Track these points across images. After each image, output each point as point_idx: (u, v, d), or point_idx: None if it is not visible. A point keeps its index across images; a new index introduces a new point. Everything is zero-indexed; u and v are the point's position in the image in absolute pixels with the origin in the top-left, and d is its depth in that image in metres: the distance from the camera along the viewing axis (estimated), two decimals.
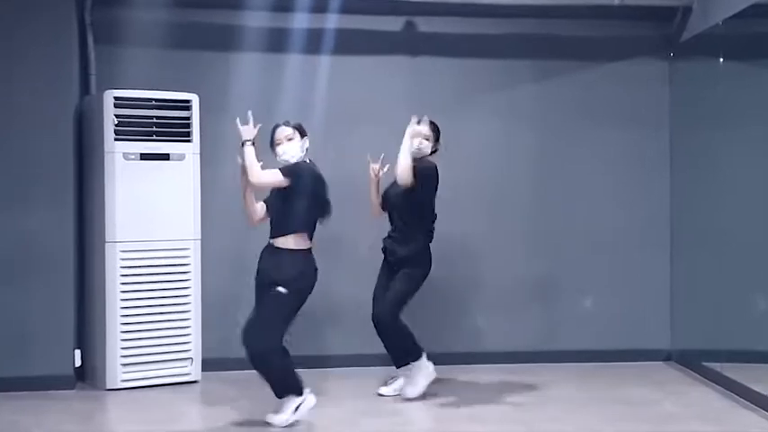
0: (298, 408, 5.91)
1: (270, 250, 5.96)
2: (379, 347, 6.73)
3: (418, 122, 6.58)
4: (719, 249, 7.13)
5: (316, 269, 5.96)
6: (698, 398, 6.80)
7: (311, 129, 6.21)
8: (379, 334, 6.60)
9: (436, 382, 6.77)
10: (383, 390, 6.74)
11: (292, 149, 5.99)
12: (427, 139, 6.62)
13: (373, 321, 6.58)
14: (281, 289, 5.80)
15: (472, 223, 7.81)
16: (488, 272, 7.85)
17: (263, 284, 5.90)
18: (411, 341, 6.62)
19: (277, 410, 5.93)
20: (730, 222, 6.99)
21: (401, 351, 6.65)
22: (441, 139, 6.72)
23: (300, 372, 6.00)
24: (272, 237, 5.95)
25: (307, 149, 6.07)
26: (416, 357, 6.63)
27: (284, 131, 6.02)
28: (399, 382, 6.70)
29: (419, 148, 6.58)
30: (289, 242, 5.90)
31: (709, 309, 7.29)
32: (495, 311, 7.83)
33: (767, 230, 6.57)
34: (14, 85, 6.84)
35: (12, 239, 6.81)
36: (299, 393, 5.91)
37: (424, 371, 6.64)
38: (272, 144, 6.03)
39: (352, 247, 7.54)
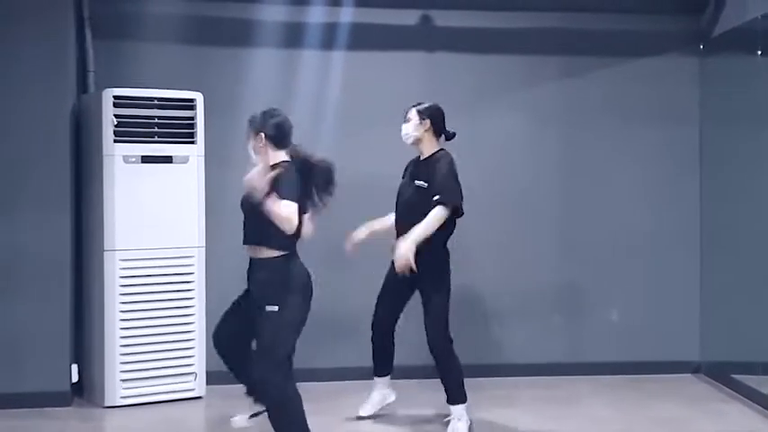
0: None
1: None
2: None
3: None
4: (752, 255, 7.04)
5: None
6: (735, 417, 6.63)
7: (324, 126, 6.06)
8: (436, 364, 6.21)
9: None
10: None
11: None
12: (407, 122, 6.27)
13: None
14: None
15: (492, 227, 7.70)
16: (510, 278, 7.75)
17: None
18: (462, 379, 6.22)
19: None
20: (763, 226, 6.88)
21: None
22: (437, 119, 6.32)
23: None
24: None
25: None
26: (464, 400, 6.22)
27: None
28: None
29: (403, 133, 6.26)
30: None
31: (740, 318, 7.20)
32: (517, 321, 7.75)
33: None
34: (8, 83, 6.73)
35: (4, 248, 6.69)
36: None
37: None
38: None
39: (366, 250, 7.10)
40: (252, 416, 5.55)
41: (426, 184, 6.13)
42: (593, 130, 7.85)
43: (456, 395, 6.11)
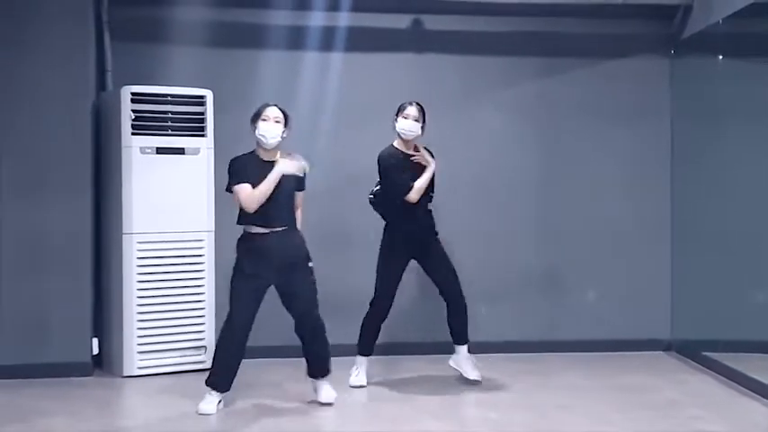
0: None
1: (283, 234, 6.06)
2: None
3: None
4: (719, 242, 7.24)
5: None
6: (699, 386, 6.92)
7: (320, 125, 6.22)
8: (462, 313, 6.78)
9: (445, 369, 6.93)
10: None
11: (275, 131, 6.03)
12: (417, 120, 6.68)
13: (461, 301, 6.77)
14: (311, 264, 6.10)
15: (477, 218, 7.91)
16: (493, 264, 7.92)
17: (291, 265, 6.06)
18: None
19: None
20: (730, 216, 7.10)
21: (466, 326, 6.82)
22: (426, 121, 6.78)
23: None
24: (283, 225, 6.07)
25: (283, 139, 6.11)
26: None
27: (275, 112, 6.06)
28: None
29: (411, 131, 6.67)
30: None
31: (709, 300, 7.39)
32: (499, 302, 7.90)
33: (765, 224, 6.66)
34: (33, 82, 6.94)
35: (32, 231, 6.91)
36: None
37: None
38: (257, 118, 6.05)
39: (359, 242, 7.57)
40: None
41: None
42: (572, 128, 8.00)
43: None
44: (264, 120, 6.03)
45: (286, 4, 7.61)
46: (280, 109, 6.10)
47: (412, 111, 6.67)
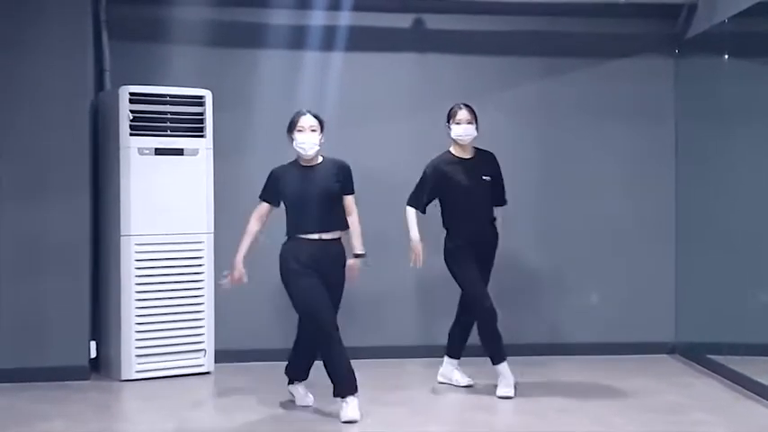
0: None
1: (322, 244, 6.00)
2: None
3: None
4: (724, 243, 7.19)
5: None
6: (703, 389, 6.87)
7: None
8: (495, 328, 6.62)
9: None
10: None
11: (312, 140, 6.00)
12: (470, 123, 6.64)
13: (492, 314, 6.60)
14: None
15: None
16: (494, 266, 7.60)
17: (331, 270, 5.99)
18: None
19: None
20: (734, 217, 7.06)
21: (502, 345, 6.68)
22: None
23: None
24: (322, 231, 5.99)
25: (322, 143, 6.08)
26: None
27: (310, 121, 6.02)
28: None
29: (468, 134, 6.63)
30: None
31: (713, 302, 7.34)
32: (501, 305, 7.47)
33: None
34: (30, 81, 6.91)
35: (29, 233, 6.89)
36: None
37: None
38: (293, 129, 6.02)
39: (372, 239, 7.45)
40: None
41: (490, 178, 6.68)
42: (574, 128, 7.95)
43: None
44: (300, 131, 6.00)
45: (286, 2, 7.59)
46: (314, 116, 6.06)
47: (464, 115, 6.65)
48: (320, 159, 6.10)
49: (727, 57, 7.14)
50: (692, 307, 7.80)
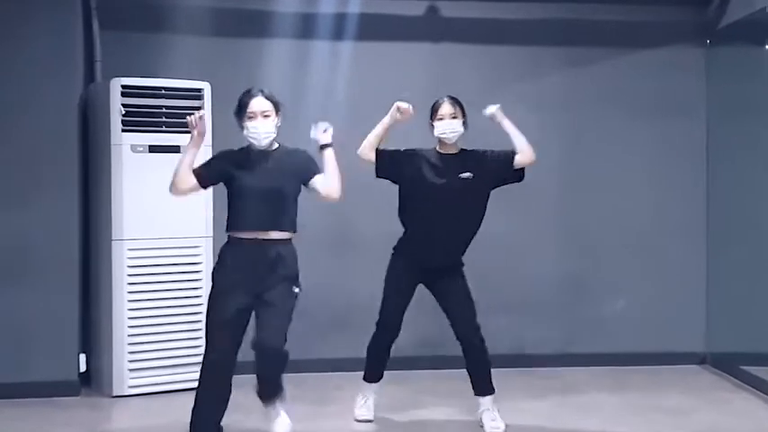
0: None
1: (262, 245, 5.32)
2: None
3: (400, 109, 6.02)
4: (759, 246, 7.06)
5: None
6: (741, 405, 6.64)
7: (331, 117, 5.92)
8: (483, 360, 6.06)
9: (464, 384, 6.40)
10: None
11: (266, 128, 5.25)
12: (455, 117, 5.99)
13: (480, 346, 6.01)
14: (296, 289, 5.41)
15: (496, 219, 7.34)
16: (514, 270, 7.74)
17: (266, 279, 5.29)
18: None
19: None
20: None
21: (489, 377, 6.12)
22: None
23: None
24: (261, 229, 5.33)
25: (278, 128, 5.36)
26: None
27: (262, 105, 5.24)
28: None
29: (453, 131, 5.97)
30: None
31: (747, 309, 7.21)
32: (522, 312, 7.74)
33: None
34: (16, 73, 6.74)
35: (13, 237, 6.71)
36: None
37: None
38: (242, 114, 5.29)
39: (371, 242, 7.31)
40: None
41: (472, 175, 5.95)
42: (598, 122, 7.84)
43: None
44: (251, 117, 5.28)
45: None
46: (266, 97, 5.30)
47: (446, 109, 5.98)
48: (276, 146, 5.41)
49: (766, 47, 7.01)
50: (724, 314, 7.64)
